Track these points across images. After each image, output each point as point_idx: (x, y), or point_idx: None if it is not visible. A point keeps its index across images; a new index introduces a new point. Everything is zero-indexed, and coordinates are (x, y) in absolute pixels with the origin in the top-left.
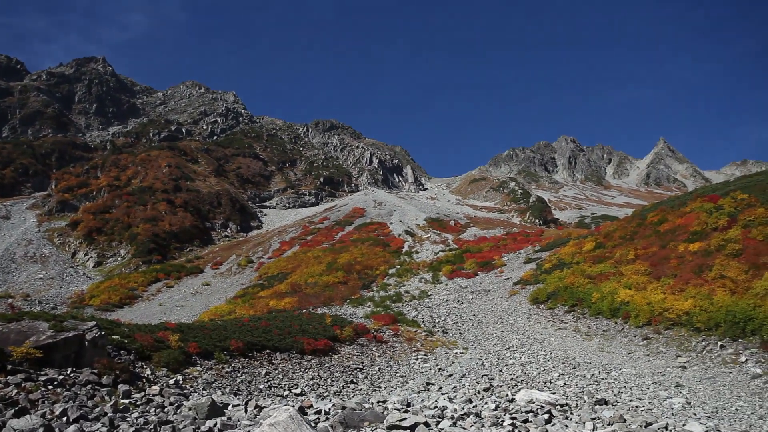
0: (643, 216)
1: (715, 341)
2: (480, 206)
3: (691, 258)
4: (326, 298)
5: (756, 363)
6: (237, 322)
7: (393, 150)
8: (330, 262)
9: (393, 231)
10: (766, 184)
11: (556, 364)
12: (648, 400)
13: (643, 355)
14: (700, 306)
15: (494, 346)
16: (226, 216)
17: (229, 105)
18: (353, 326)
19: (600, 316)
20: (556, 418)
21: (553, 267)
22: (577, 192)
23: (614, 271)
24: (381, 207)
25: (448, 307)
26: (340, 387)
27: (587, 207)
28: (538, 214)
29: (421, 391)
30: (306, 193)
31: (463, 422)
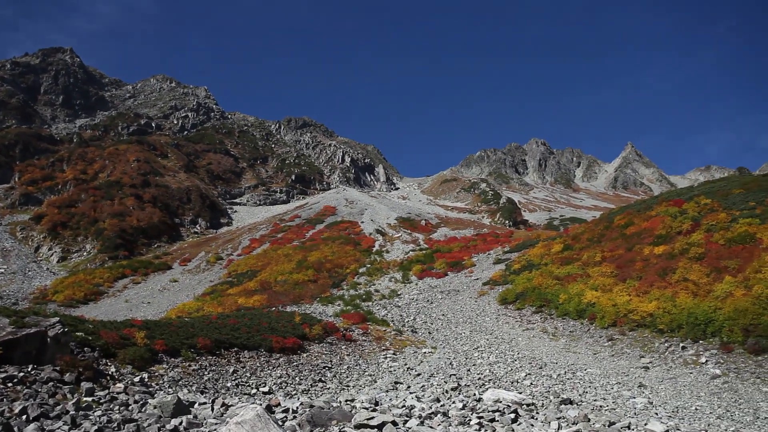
0: (610, 219)
1: (677, 342)
2: (451, 206)
3: (656, 261)
4: (296, 296)
5: (715, 364)
6: (205, 320)
7: (365, 149)
8: (300, 260)
9: (364, 230)
10: (728, 190)
11: (523, 364)
12: (612, 399)
13: (608, 355)
14: (663, 308)
15: (463, 345)
16: (195, 212)
17: (200, 100)
18: (322, 325)
19: (567, 317)
20: (523, 417)
21: (522, 268)
22: (547, 194)
23: (581, 273)
24: (352, 206)
25: (417, 306)
26: (308, 385)
27: (556, 209)
28: (508, 216)
29: (390, 390)
30: (277, 190)
31: (431, 421)
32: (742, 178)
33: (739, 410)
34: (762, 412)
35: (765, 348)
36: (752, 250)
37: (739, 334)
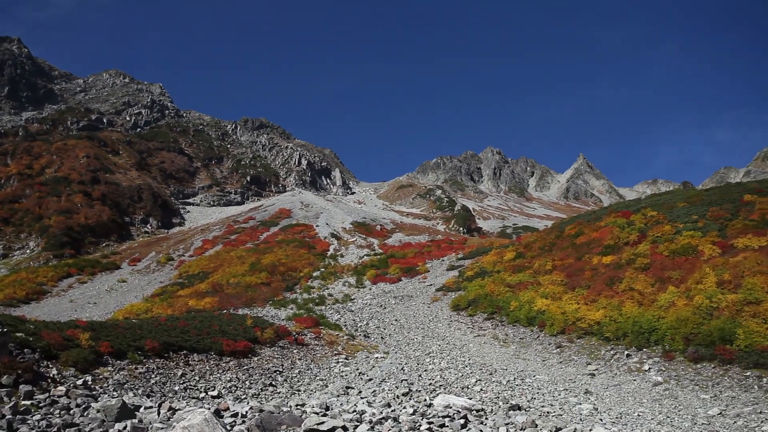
0: (561, 228)
1: (622, 350)
2: (406, 212)
3: (604, 270)
4: (248, 298)
5: (657, 371)
6: (153, 321)
7: (322, 152)
8: (254, 262)
9: (319, 233)
10: (673, 203)
11: (474, 370)
12: (559, 405)
13: (556, 362)
14: (610, 316)
15: (415, 351)
16: (146, 211)
17: (154, 97)
18: (275, 328)
19: (517, 324)
20: (472, 422)
21: (475, 275)
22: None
23: (532, 281)
24: (308, 209)
25: (370, 311)
26: (258, 389)
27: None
28: (463, 223)
29: (341, 395)
30: (232, 191)
31: (381, 426)
32: (686, 192)
33: (678, 416)
34: (699, 418)
35: (704, 356)
36: (694, 261)
37: (681, 342)
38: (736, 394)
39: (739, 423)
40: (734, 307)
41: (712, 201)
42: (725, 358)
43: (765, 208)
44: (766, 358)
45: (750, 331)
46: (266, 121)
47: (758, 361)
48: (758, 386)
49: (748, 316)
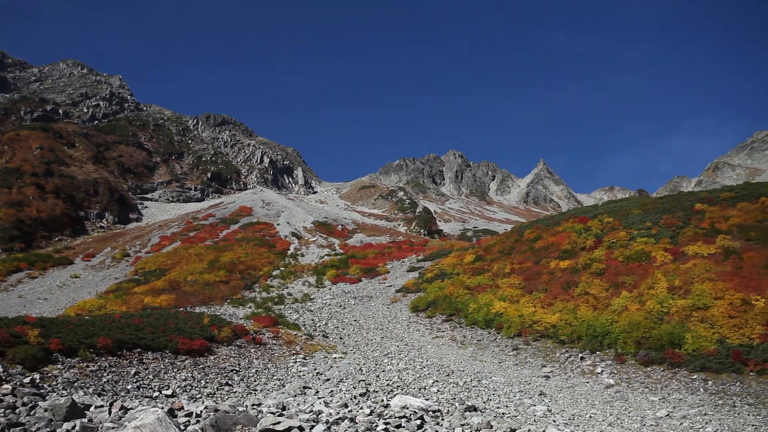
0: (520, 232)
1: (576, 353)
2: (368, 213)
3: (561, 274)
4: (206, 296)
5: (610, 374)
6: (107, 318)
7: (285, 151)
8: (212, 260)
9: (279, 232)
10: (628, 210)
11: (431, 371)
12: (514, 407)
13: (513, 364)
14: (565, 320)
15: (373, 351)
16: (102, 206)
17: (114, 89)
18: (232, 327)
19: (475, 326)
20: (428, 423)
21: (435, 277)
22: (462, 205)
23: (491, 284)
24: (269, 207)
25: (330, 311)
26: (214, 389)
27: (470, 220)
28: (424, 225)
29: (298, 394)
30: (192, 187)
31: (338, 427)
32: (641, 199)
33: (628, 418)
34: (648, 420)
35: (654, 359)
36: (647, 267)
37: (632, 346)
38: (683, 397)
39: (685, 424)
40: (684, 313)
41: (666, 209)
42: (674, 362)
43: (714, 217)
44: (712, 361)
45: (698, 336)
46: (229, 117)
47: (704, 365)
48: (704, 389)
49: (697, 321)
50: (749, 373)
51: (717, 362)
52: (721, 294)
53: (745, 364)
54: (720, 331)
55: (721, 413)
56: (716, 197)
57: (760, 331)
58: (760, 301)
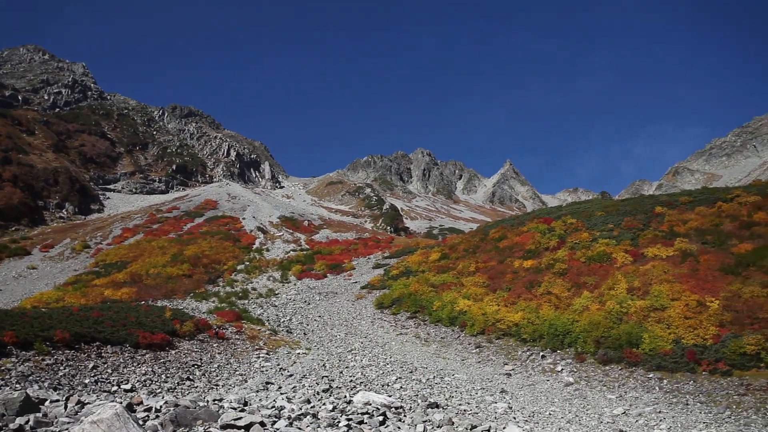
0: (486, 232)
1: (538, 351)
2: (335, 209)
3: (524, 274)
4: (168, 290)
5: (569, 372)
6: (65, 311)
7: (252, 144)
8: (176, 253)
9: (245, 226)
10: (591, 212)
11: (394, 368)
12: (476, 404)
13: (475, 362)
14: (528, 319)
15: (337, 348)
16: (63, 196)
17: (77, 76)
18: (195, 321)
19: (439, 324)
20: (390, 420)
21: (400, 274)
22: (429, 204)
23: (456, 282)
24: (235, 201)
25: (294, 307)
26: (174, 384)
27: (437, 219)
28: (390, 222)
29: (260, 390)
30: (156, 179)
31: (300, 422)
32: (603, 201)
33: (586, 415)
34: (605, 417)
35: (612, 359)
36: (608, 268)
37: (592, 345)
38: (639, 395)
39: (641, 422)
40: (642, 313)
41: (627, 211)
42: (631, 361)
43: (673, 220)
44: (668, 361)
45: (655, 336)
46: (195, 109)
47: (660, 364)
48: (659, 387)
49: (654, 322)
50: (702, 373)
51: (672, 362)
52: (677, 295)
53: (699, 363)
54: (676, 331)
55: (674, 411)
56: (675, 201)
57: (714, 332)
58: (714, 303)
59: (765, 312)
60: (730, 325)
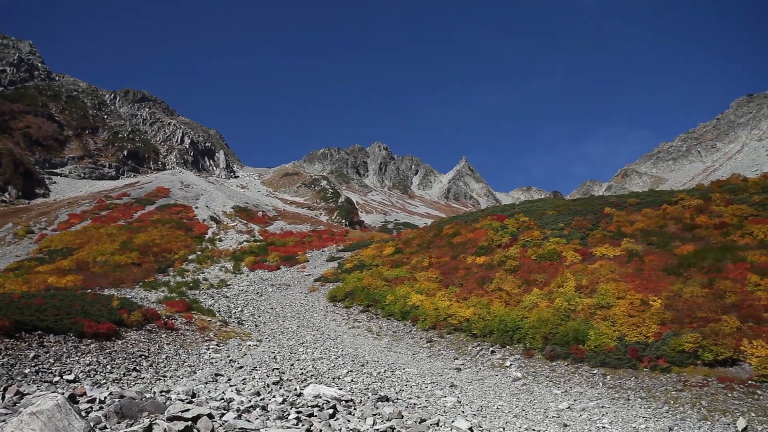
0: (440, 227)
1: (488, 347)
2: (290, 200)
3: (477, 270)
4: (116, 279)
5: (518, 368)
6: (5, 298)
7: (207, 132)
8: (125, 241)
9: (198, 215)
10: (543, 211)
11: (346, 361)
12: (425, 398)
13: (426, 356)
14: (479, 314)
15: (289, 340)
16: (5, 179)
17: (23, 55)
18: (143, 311)
19: (392, 318)
20: (340, 413)
21: (354, 267)
22: (384, 198)
23: (409, 277)
24: (188, 189)
25: (246, 298)
26: (120, 374)
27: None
28: (346, 215)
29: (209, 382)
30: (106, 164)
31: (249, 415)
32: (555, 201)
33: (532, 410)
34: (550, 412)
35: (559, 355)
36: (557, 266)
37: (540, 341)
38: (583, 390)
39: (584, 416)
40: (589, 311)
41: (577, 211)
42: (577, 357)
43: (621, 221)
44: (612, 357)
45: (600, 333)
46: (149, 94)
47: (604, 361)
48: (603, 383)
49: (600, 319)
50: (643, 369)
51: (616, 358)
52: (623, 294)
53: (640, 360)
54: (620, 329)
55: (616, 406)
56: (624, 202)
57: (655, 329)
58: (656, 302)
59: (703, 311)
60: (670, 324)
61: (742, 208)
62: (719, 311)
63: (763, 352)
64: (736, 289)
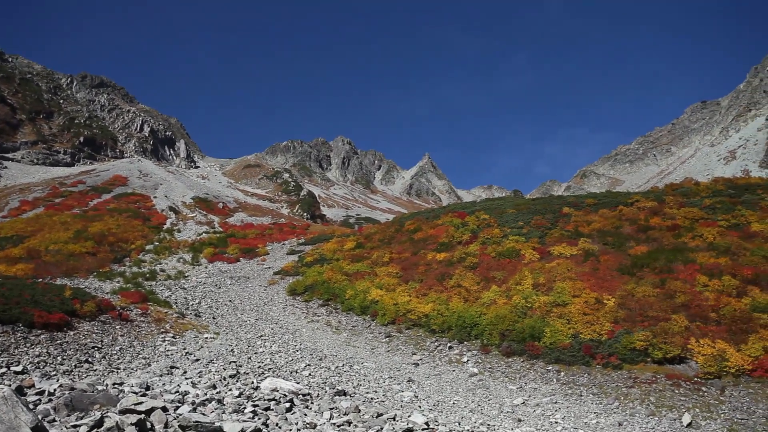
0: (401, 223)
1: (445, 342)
2: (251, 192)
3: (437, 266)
4: (70, 268)
5: (474, 363)
6: None
7: (168, 121)
8: (80, 229)
9: (156, 205)
10: (504, 209)
11: (304, 355)
12: (383, 392)
13: (385, 351)
14: (438, 310)
15: (247, 333)
16: None
17: None
18: (97, 301)
19: (351, 312)
20: (297, 406)
21: (314, 261)
22: (347, 192)
23: (370, 271)
24: (146, 178)
25: (204, 290)
26: (72, 366)
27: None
28: (307, 208)
29: (164, 374)
30: (61, 151)
31: (204, 408)
32: (515, 199)
33: (488, 405)
34: (505, 407)
35: (515, 351)
36: (516, 264)
37: (497, 337)
38: (538, 386)
39: (538, 411)
40: (545, 308)
41: (537, 210)
42: (533, 354)
43: (579, 221)
44: (566, 354)
45: (555, 330)
46: (108, 80)
47: (559, 357)
48: (557, 379)
49: (556, 317)
50: (596, 366)
51: (570, 355)
52: (578, 292)
53: (593, 357)
54: (575, 326)
55: (569, 402)
56: (582, 203)
57: (608, 327)
58: (610, 301)
59: (654, 311)
60: (623, 322)
61: (693, 211)
62: (669, 311)
63: (709, 350)
64: (686, 290)
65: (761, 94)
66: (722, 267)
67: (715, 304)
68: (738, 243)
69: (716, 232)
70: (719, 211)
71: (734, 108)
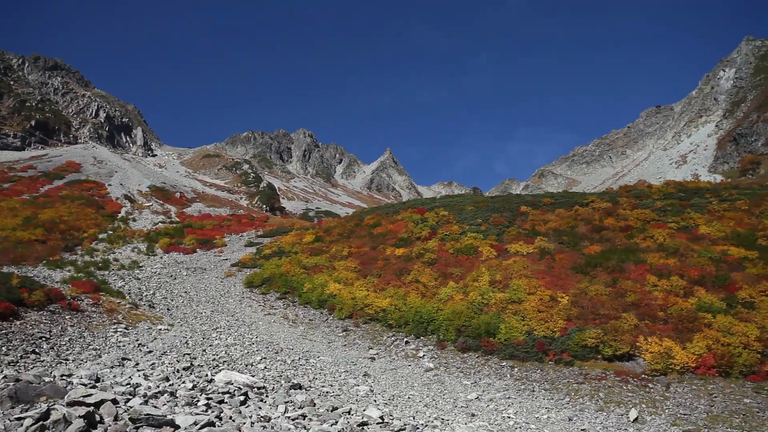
0: (361, 218)
1: (402, 337)
2: (210, 183)
3: (395, 261)
4: (17, 256)
5: (430, 358)
6: None
7: (125, 107)
8: (29, 216)
9: (111, 193)
10: (463, 206)
11: (260, 348)
12: (338, 386)
13: (341, 345)
14: (395, 305)
15: (202, 325)
16: None
17: None
18: (46, 290)
19: (308, 306)
20: (252, 399)
21: (273, 254)
22: (307, 185)
23: (328, 265)
24: (101, 166)
25: (159, 281)
26: (17, 357)
27: (314, 201)
28: (267, 200)
29: (116, 366)
30: (10, 134)
31: (156, 401)
32: (475, 197)
33: (442, 399)
34: (459, 402)
35: (471, 347)
36: (474, 261)
37: (453, 333)
38: (492, 381)
39: (491, 406)
40: (501, 305)
41: (495, 208)
42: (488, 350)
43: (536, 220)
44: (520, 350)
45: (510, 327)
46: (62, 62)
47: (513, 353)
48: (510, 375)
49: (511, 314)
50: (549, 362)
51: (524, 351)
52: (534, 290)
53: (546, 353)
54: (529, 323)
55: (522, 397)
56: (539, 202)
57: (562, 325)
58: (564, 299)
59: (606, 309)
60: (576, 320)
61: (645, 213)
62: (620, 309)
63: (656, 348)
64: (636, 289)
65: (712, 101)
66: (671, 268)
67: (664, 303)
68: (686, 245)
69: (666, 233)
70: (670, 213)
71: (686, 114)
